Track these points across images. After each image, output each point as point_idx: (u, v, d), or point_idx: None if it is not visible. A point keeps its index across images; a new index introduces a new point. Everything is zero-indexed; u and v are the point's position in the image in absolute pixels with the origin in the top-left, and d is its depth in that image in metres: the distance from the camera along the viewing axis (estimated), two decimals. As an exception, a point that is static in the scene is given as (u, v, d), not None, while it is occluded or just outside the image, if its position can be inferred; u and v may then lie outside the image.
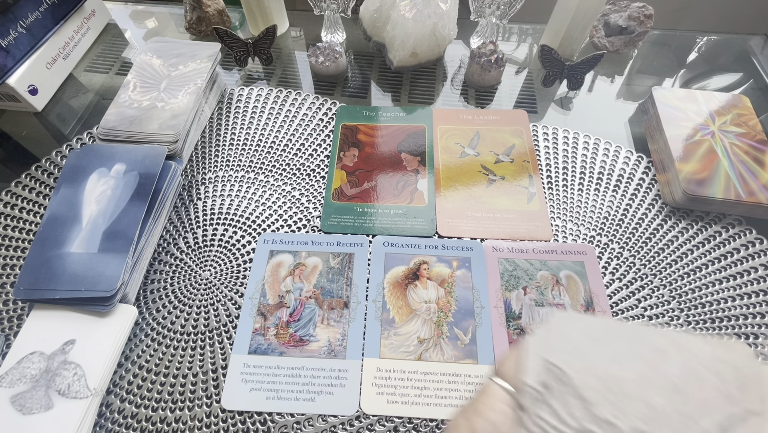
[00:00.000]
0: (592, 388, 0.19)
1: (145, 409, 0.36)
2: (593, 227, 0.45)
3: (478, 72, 0.56)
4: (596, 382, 0.19)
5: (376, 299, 0.41)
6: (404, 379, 0.37)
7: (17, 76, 0.51)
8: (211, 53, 0.53)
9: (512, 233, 0.45)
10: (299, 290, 0.41)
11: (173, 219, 0.46)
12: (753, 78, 0.59)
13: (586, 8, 0.53)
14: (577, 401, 0.19)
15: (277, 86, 0.58)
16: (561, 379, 0.20)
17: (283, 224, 0.46)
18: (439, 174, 0.49)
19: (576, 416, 0.19)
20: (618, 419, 0.18)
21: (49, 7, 0.55)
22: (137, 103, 0.49)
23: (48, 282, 0.38)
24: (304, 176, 0.49)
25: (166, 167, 0.44)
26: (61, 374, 0.35)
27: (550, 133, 0.52)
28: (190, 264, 0.43)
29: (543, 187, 0.48)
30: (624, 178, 0.48)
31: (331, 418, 0.36)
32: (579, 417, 0.19)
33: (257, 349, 0.38)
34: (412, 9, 0.51)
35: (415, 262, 0.43)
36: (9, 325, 0.40)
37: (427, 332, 0.39)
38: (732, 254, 0.43)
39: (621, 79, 0.59)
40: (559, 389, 0.19)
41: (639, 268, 0.42)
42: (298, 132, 0.53)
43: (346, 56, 0.60)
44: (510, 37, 0.65)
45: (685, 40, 0.64)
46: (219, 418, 0.36)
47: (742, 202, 0.43)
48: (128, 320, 0.38)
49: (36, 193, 0.48)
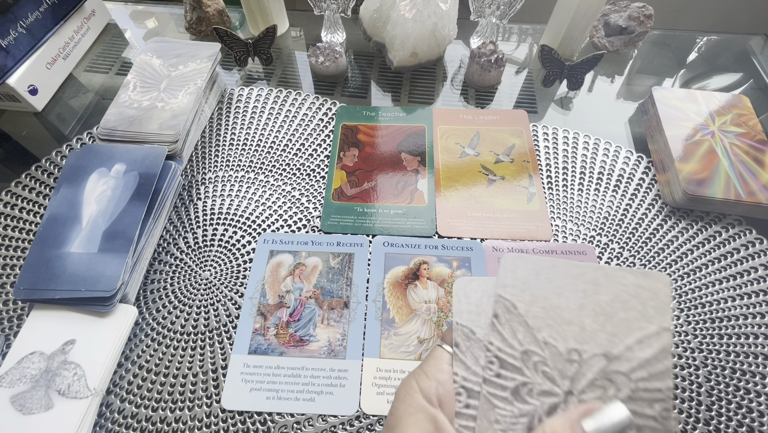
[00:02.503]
0: (535, 316, 0.22)
1: (145, 409, 0.36)
2: (593, 227, 0.45)
3: (478, 72, 0.56)
4: (539, 311, 0.22)
5: (376, 299, 0.41)
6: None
7: (17, 76, 0.51)
8: (211, 53, 0.53)
9: (512, 233, 0.45)
10: (299, 290, 0.41)
11: (173, 219, 0.46)
12: (753, 78, 0.59)
13: (586, 8, 0.53)
14: (522, 327, 0.22)
15: (277, 86, 0.58)
16: (509, 309, 0.23)
17: (283, 224, 0.46)
18: (439, 174, 0.49)
19: (520, 340, 0.22)
20: (555, 341, 0.22)
21: (49, 7, 0.55)
22: (137, 103, 0.49)
23: (48, 282, 0.38)
24: (304, 176, 0.49)
25: (166, 167, 0.44)
26: (61, 374, 0.35)
27: (550, 133, 0.52)
28: (190, 264, 0.43)
29: (543, 187, 0.48)
30: (624, 178, 0.48)
31: (331, 418, 0.36)
32: (522, 340, 0.22)
33: (257, 349, 0.38)
34: (412, 9, 0.51)
35: (415, 262, 0.43)
36: (9, 325, 0.40)
37: (428, 332, 0.39)
38: (732, 254, 0.43)
39: (621, 79, 0.59)
40: (506, 318, 0.23)
41: (639, 268, 0.42)
42: (298, 132, 0.53)
43: (346, 56, 0.60)
44: (510, 37, 0.65)
45: (685, 40, 0.64)
46: (219, 418, 0.36)
47: (742, 202, 0.43)
48: (128, 320, 0.38)
49: (36, 193, 0.48)
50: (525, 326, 0.22)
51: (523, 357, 0.22)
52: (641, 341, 0.21)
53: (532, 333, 0.22)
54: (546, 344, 0.22)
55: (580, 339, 0.22)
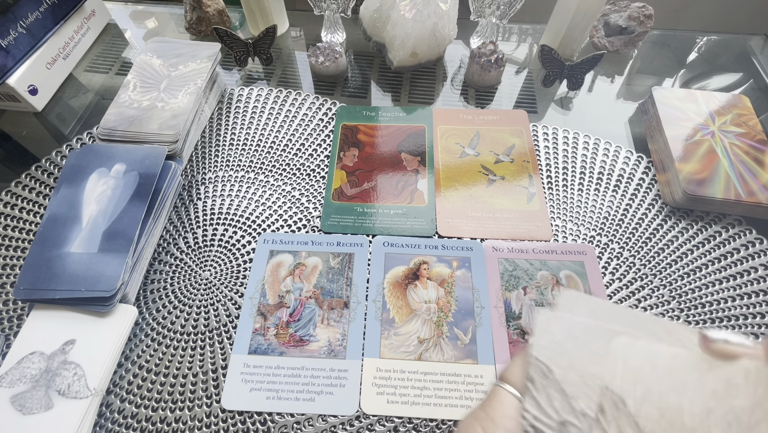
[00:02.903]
0: (572, 383, 0.21)
1: (145, 409, 0.36)
2: (593, 226, 0.45)
3: (478, 72, 0.56)
4: (575, 377, 0.21)
5: (376, 299, 0.41)
6: (404, 379, 0.37)
7: (17, 76, 0.51)
8: (211, 53, 0.53)
9: (512, 233, 0.45)
10: (299, 290, 0.41)
11: (173, 219, 0.46)
12: (753, 78, 0.59)
13: (586, 8, 0.53)
14: (558, 395, 0.21)
15: (277, 86, 0.58)
16: (545, 374, 0.21)
17: (283, 224, 0.46)
18: (439, 174, 0.49)
19: (557, 408, 0.21)
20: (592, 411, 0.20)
21: (49, 7, 0.55)
22: (137, 103, 0.48)
23: (48, 282, 0.38)
24: (304, 176, 0.49)
25: (166, 167, 0.44)
26: (61, 374, 0.35)
27: (550, 133, 0.52)
28: (190, 264, 0.43)
29: (543, 187, 0.48)
30: (624, 178, 0.48)
31: (331, 418, 0.36)
32: (559, 409, 0.21)
33: (257, 349, 0.38)
34: (412, 9, 0.51)
35: (415, 262, 0.43)
36: (9, 325, 0.40)
37: (427, 332, 0.39)
38: (732, 254, 0.43)
39: (621, 79, 0.59)
40: (542, 383, 0.21)
41: (639, 268, 0.42)
42: (298, 132, 0.53)
43: (346, 56, 0.60)
44: (510, 37, 0.65)
45: (685, 40, 0.64)
46: (219, 418, 0.36)
47: (742, 202, 0.43)
48: (128, 320, 0.38)
49: (36, 193, 0.48)
50: (562, 393, 0.21)
51: (560, 428, 0.20)
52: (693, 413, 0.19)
53: (569, 402, 0.21)
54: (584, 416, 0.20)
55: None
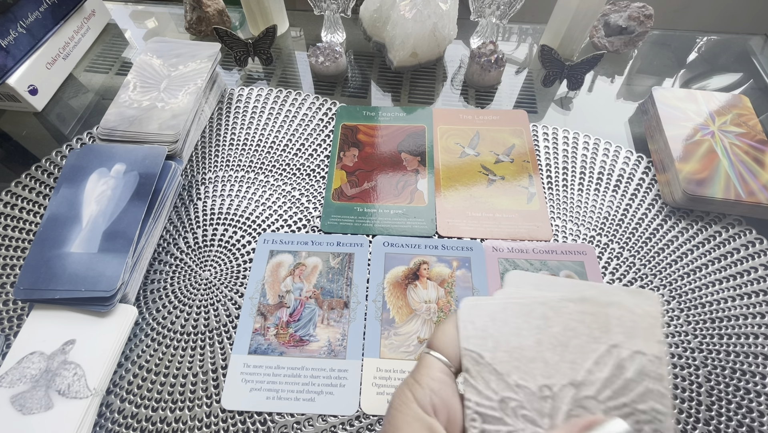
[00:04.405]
0: (502, 361, 0.23)
1: (145, 409, 0.36)
2: (593, 227, 0.45)
3: (478, 72, 0.56)
4: (504, 355, 0.23)
5: (376, 299, 0.41)
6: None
7: (17, 76, 0.51)
8: (211, 53, 0.53)
9: (512, 233, 0.45)
10: (299, 290, 0.41)
11: (173, 219, 0.46)
12: (753, 78, 0.59)
13: (586, 8, 0.53)
14: (493, 376, 0.23)
15: (277, 86, 0.58)
16: (477, 360, 0.23)
17: (283, 224, 0.46)
18: (439, 174, 0.49)
19: (494, 389, 0.22)
20: (526, 381, 0.22)
21: (49, 7, 0.55)
22: (137, 103, 0.49)
23: (48, 282, 0.38)
24: (304, 176, 0.49)
25: (166, 167, 0.44)
26: (61, 374, 0.35)
27: (550, 133, 0.52)
28: (190, 264, 0.43)
29: (543, 187, 0.48)
30: (624, 178, 0.48)
31: (331, 418, 0.36)
32: (496, 388, 0.22)
33: (257, 349, 0.38)
34: (412, 9, 0.51)
35: (415, 262, 0.43)
36: (9, 325, 0.40)
37: (428, 332, 0.39)
38: (732, 254, 0.43)
39: (621, 79, 0.59)
40: (476, 369, 0.23)
41: (639, 268, 0.42)
42: (298, 132, 0.53)
43: (346, 56, 0.60)
44: (510, 37, 0.65)
45: (685, 40, 0.64)
46: (219, 418, 0.36)
47: (742, 202, 0.43)
48: (128, 320, 0.38)
49: (36, 193, 0.48)
50: (495, 373, 0.23)
51: (501, 406, 0.22)
52: (597, 362, 0.22)
53: (503, 379, 0.22)
54: (519, 387, 0.22)
55: (546, 374, 0.22)
